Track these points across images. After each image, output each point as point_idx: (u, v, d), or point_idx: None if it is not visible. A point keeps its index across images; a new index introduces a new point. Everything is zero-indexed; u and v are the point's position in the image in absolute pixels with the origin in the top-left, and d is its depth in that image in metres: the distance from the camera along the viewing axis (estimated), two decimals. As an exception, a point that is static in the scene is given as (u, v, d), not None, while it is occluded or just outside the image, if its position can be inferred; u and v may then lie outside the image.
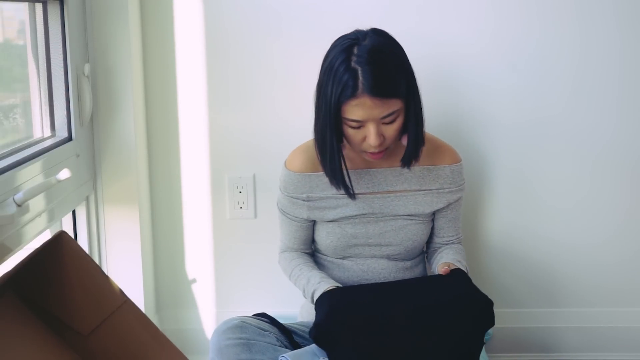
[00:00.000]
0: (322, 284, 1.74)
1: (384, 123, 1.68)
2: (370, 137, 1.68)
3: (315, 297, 1.73)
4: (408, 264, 1.89)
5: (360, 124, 1.68)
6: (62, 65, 1.86)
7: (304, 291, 1.82)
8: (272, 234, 2.12)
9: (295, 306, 2.05)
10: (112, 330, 1.58)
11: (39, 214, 1.67)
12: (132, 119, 2.02)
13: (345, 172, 1.75)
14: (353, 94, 1.64)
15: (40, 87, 1.85)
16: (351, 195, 1.79)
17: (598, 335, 2.21)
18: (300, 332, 1.83)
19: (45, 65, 1.84)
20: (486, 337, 2.13)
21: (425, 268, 1.95)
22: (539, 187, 2.16)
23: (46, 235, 1.75)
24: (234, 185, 2.18)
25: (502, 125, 2.13)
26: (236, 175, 2.18)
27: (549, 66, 2.09)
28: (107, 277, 1.65)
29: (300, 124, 1.96)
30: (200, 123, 2.15)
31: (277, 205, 1.91)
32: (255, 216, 2.20)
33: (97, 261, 2.05)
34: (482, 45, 2.09)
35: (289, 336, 1.78)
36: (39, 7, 1.82)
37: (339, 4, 2.07)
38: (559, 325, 2.22)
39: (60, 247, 1.56)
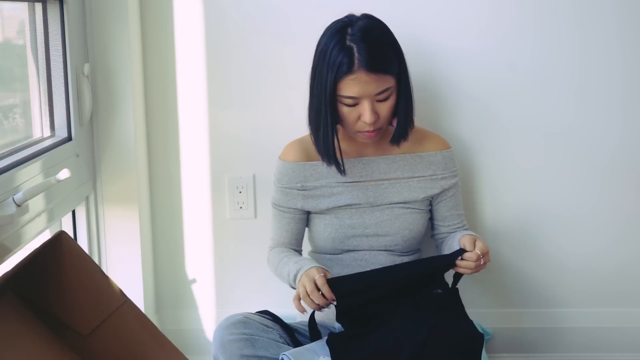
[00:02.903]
0: (312, 264, 1.74)
1: (378, 100, 1.74)
2: (365, 113, 1.73)
3: (300, 274, 1.73)
4: (406, 259, 1.89)
5: (355, 101, 1.73)
6: (61, 65, 1.86)
7: (288, 275, 1.80)
8: (272, 234, 2.13)
9: (295, 306, 2.05)
10: (112, 330, 1.58)
11: (39, 214, 1.67)
12: (132, 119, 2.02)
13: (337, 148, 1.79)
14: (349, 70, 1.70)
15: (40, 87, 1.85)
16: (341, 171, 1.82)
17: (598, 335, 2.21)
18: (302, 331, 1.84)
19: (45, 65, 1.84)
20: (486, 337, 2.13)
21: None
22: (539, 187, 2.16)
23: (46, 236, 1.74)
24: (234, 185, 2.18)
25: (501, 124, 2.13)
26: (236, 175, 2.18)
27: (548, 66, 2.09)
28: (107, 277, 1.65)
29: (300, 123, 1.96)
30: (200, 123, 2.15)
31: (272, 201, 1.93)
32: (255, 216, 2.20)
33: (97, 261, 2.05)
34: (477, 40, 2.09)
35: (291, 334, 1.78)
36: (38, 7, 1.82)
37: (340, 3, 2.06)
38: (559, 325, 2.21)
39: (59, 247, 1.56)
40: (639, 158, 2.14)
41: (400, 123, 1.80)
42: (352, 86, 1.71)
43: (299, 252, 1.97)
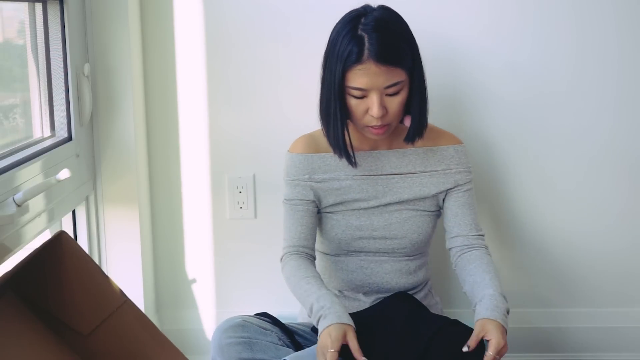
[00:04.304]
0: (332, 315, 1.63)
1: (387, 94, 1.69)
2: (373, 107, 1.68)
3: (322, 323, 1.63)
4: (412, 266, 1.86)
5: (363, 93, 1.69)
6: (62, 65, 1.86)
7: (310, 309, 1.69)
8: (272, 234, 2.12)
9: (295, 306, 2.05)
10: (112, 330, 1.58)
11: (39, 214, 1.67)
12: (132, 119, 2.02)
13: (348, 139, 1.75)
14: (358, 60, 1.65)
15: (40, 87, 1.85)
16: (352, 162, 1.78)
17: (598, 335, 2.21)
18: (301, 332, 1.83)
19: (45, 65, 1.84)
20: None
21: (427, 271, 1.93)
22: (538, 187, 2.16)
23: (46, 235, 1.75)
24: (234, 185, 2.18)
25: (499, 119, 2.13)
26: (236, 175, 2.18)
27: (549, 65, 2.10)
28: (107, 277, 1.65)
29: (301, 123, 1.96)
30: (200, 123, 2.15)
31: (283, 199, 1.86)
32: (255, 216, 2.20)
33: (97, 261, 2.05)
34: (480, 43, 2.09)
35: (291, 336, 1.78)
36: (38, 7, 1.82)
37: (341, 4, 2.06)
38: (559, 325, 2.21)
39: (60, 247, 1.57)
40: (638, 157, 2.14)
41: (414, 121, 1.75)
42: (360, 77, 1.66)
43: (313, 257, 1.84)
